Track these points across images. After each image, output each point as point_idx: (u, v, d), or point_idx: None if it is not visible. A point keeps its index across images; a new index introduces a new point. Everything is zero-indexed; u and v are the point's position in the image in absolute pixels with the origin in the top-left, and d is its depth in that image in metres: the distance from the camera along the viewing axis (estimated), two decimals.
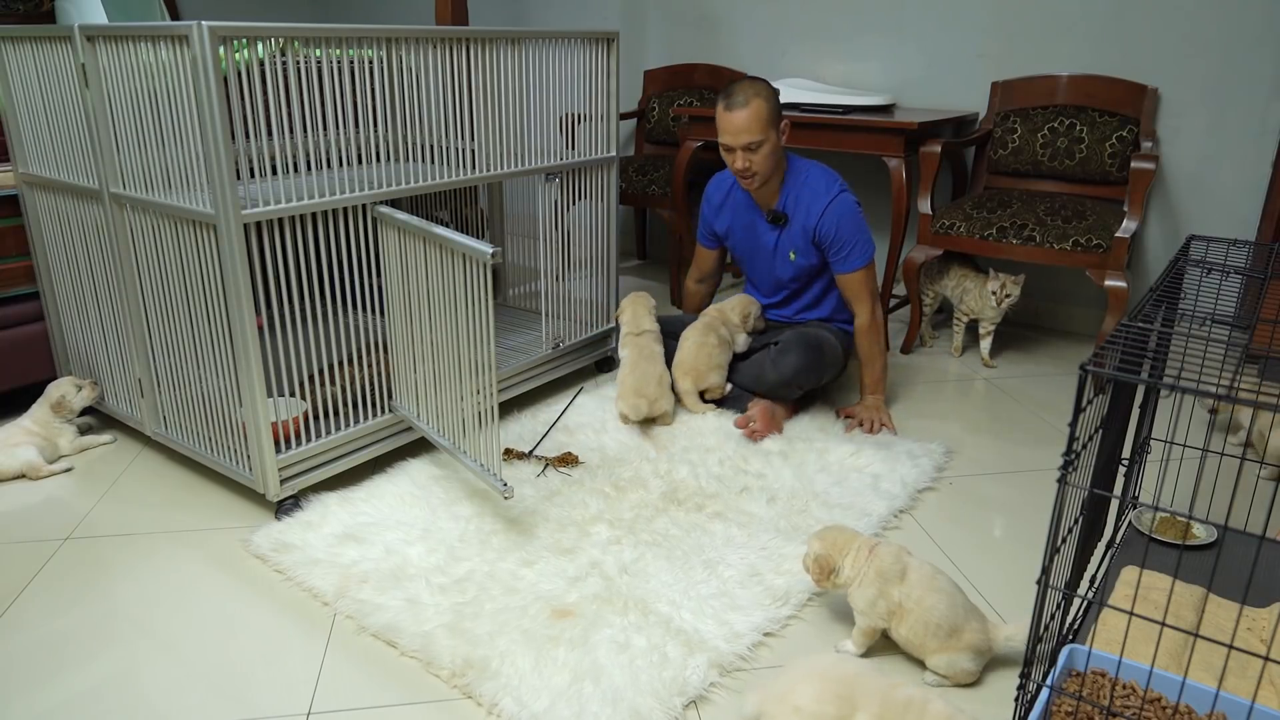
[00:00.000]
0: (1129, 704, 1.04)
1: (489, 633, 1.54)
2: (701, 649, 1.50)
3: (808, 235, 2.35)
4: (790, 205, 2.36)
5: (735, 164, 2.26)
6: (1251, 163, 2.84)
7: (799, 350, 2.29)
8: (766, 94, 2.21)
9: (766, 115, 2.20)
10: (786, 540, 1.82)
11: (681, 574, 1.71)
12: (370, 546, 1.79)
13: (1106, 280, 2.61)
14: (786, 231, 2.39)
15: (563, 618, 1.58)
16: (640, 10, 3.94)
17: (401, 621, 1.57)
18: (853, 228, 2.31)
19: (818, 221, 2.31)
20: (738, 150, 2.23)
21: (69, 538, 1.87)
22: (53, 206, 2.21)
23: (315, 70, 1.78)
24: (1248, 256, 1.40)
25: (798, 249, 2.39)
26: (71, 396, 2.21)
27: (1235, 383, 0.99)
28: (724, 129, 2.23)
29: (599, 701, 1.38)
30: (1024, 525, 1.95)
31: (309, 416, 2.01)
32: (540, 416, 2.42)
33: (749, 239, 2.49)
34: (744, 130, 2.19)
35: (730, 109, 2.21)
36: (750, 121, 2.19)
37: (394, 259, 1.95)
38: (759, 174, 2.27)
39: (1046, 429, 2.43)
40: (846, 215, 2.30)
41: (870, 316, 2.36)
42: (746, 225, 2.47)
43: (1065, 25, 3.03)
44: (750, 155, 2.23)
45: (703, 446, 2.24)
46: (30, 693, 1.43)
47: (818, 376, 2.33)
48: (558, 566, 1.74)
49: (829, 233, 2.31)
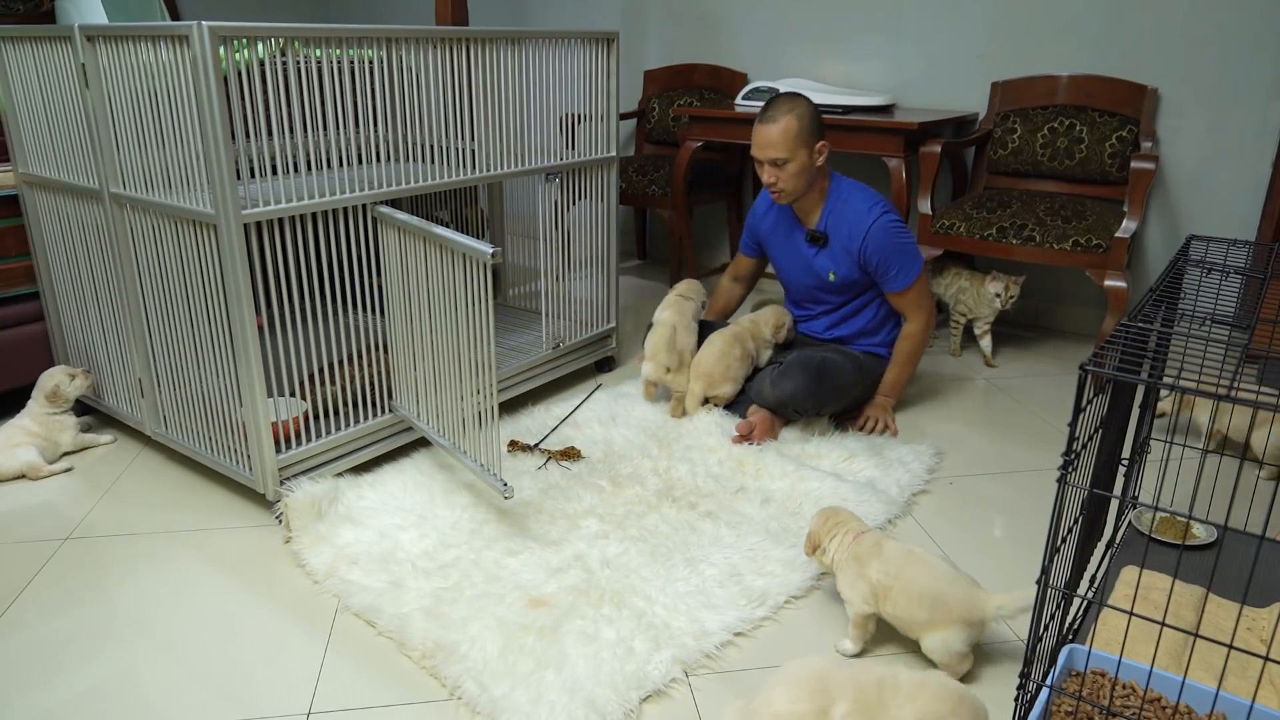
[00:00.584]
0: (1129, 704, 1.04)
1: (463, 618, 1.56)
2: (669, 645, 1.51)
3: (851, 257, 2.34)
4: (831, 227, 2.35)
5: (764, 177, 2.28)
6: (1251, 163, 2.84)
7: (799, 374, 2.24)
8: (801, 113, 2.21)
9: (796, 133, 2.20)
10: (775, 542, 1.82)
11: (663, 570, 1.72)
12: (365, 529, 1.82)
13: (1106, 280, 2.61)
14: (826, 252, 2.38)
15: (538, 607, 1.60)
16: (640, 10, 3.94)
17: (381, 603, 1.60)
18: (897, 248, 2.29)
19: (861, 245, 2.30)
20: (765, 164, 2.26)
21: (69, 538, 1.87)
22: (53, 206, 2.21)
23: (315, 70, 1.78)
24: (1248, 256, 1.40)
25: (838, 270, 2.37)
26: (66, 386, 2.21)
27: (1235, 383, 0.99)
28: (754, 141, 2.26)
29: (557, 690, 1.40)
30: (1024, 525, 1.95)
31: (309, 416, 2.01)
32: (553, 410, 2.43)
33: (789, 251, 2.47)
34: (770, 145, 2.21)
35: (762, 122, 2.23)
36: (777, 138, 2.20)
37: (394, 259, 1.95)
38: (785, 191, 2.27)
39: (1046, 429, 2.43)
40: (890, 236, 2.29)
41: (921, 326, 2.36)
42: (787, 237, 2.47)
43: (1065, 25, 3.03)
44: (777, 171, 2.24)
45: (705, 446, 2.25)
46: (30, 693, 1.43)
47: (816, 405, 2.27)
48: (542, 558, 1.75)
49: (874, 255, 2.30)
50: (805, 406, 2.26)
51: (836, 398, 2.31)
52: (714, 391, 2.36)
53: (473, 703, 1.39)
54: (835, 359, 2.32)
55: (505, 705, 1.37)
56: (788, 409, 2.27)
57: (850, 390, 2.34)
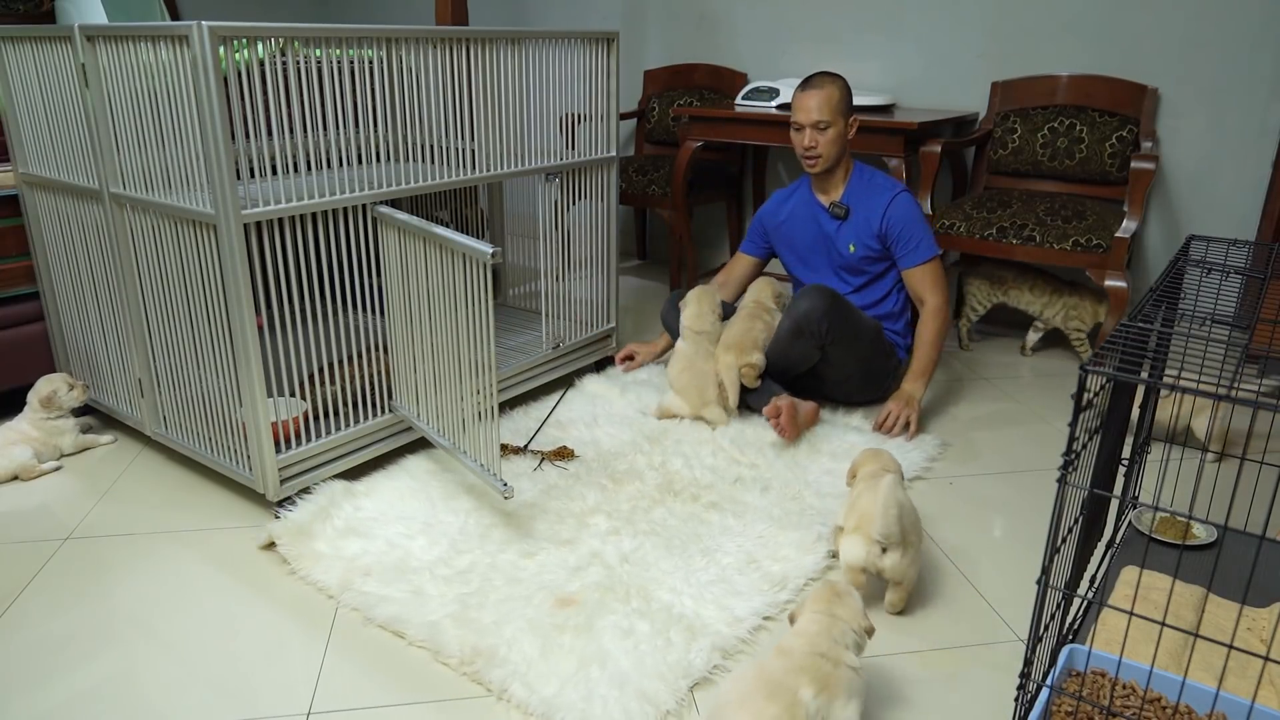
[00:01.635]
0: (1129, 704, 1.04)
1: (495, 621, 1.56)
2: (704, 633, 1.53)
3: (871, 229, 2.44)
4: (853, 200, 2.47)
5: (803, 141, 2.40)
6: (1251, 163, 2.84)
7: (815, 295, 2.26)
8: (841, 86, 2.38)
9: (838, 101, 2.36)
10: (781, 528, 1.84)
11: (681, 562, 1.74)
12: (372, 540, 1.80)
13: (1106, 280, 2.61)
14: (848, 224, 2.48)
15: (566, 606, 1.60)
16: (640, 10, 3.94)
17: (408, 613, 1.59)
18: (917, 220, 2.41)
19: (883, 214, 2.41)
20: (806, 128, 2.38)
21: (69, 538, 1.87)
22: (53, 206, 2.21)
23: (315, 70, 1.78)
24: (1248, 256, 1.40)
25: (858, 242, 2.47)
26: (63, 394, 2.20)
27: (1236, 382, 0.99)
28: (797, 107, 2.39)
29: (606, 685, 1.40)
30: (1024, 525, 1.95)
31: (309, 416, 2.01)
32: (533, 413, 2.43)
33: (808, 233, 2.56)
34: (815, 109, 2.35)
35: (805, 89, 2.38)
36: (822, 103, 2.35)
37: (394, 259, 1.95)
38: (823, 156, 2.39)
39: (1047, 429, 2.43)
40: (912, 209, 2.41)
41: (941, 301, 2.41)
42: (807, 219, 2.56)
43: (1065, 25, 3.03)
44: (818, 134, 2.37)
45: (696, 439, 2.26)
46: (30, 693, 1.43)
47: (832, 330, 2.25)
48: (559, 557, 1.75)
49: (894, 227, 2.41)
50: (820, 328, 2.25)
51: (846, 325, 2.30)
52: (745, 359, 2.29)
53: (524, 705, 1.39)
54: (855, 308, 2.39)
55: (559, 704, 1.37)
56: (804, 336, 2.25)
57: (864, 335, 2.35)
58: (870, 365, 2.41)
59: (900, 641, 1.56)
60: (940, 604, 1.67)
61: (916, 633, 1.59)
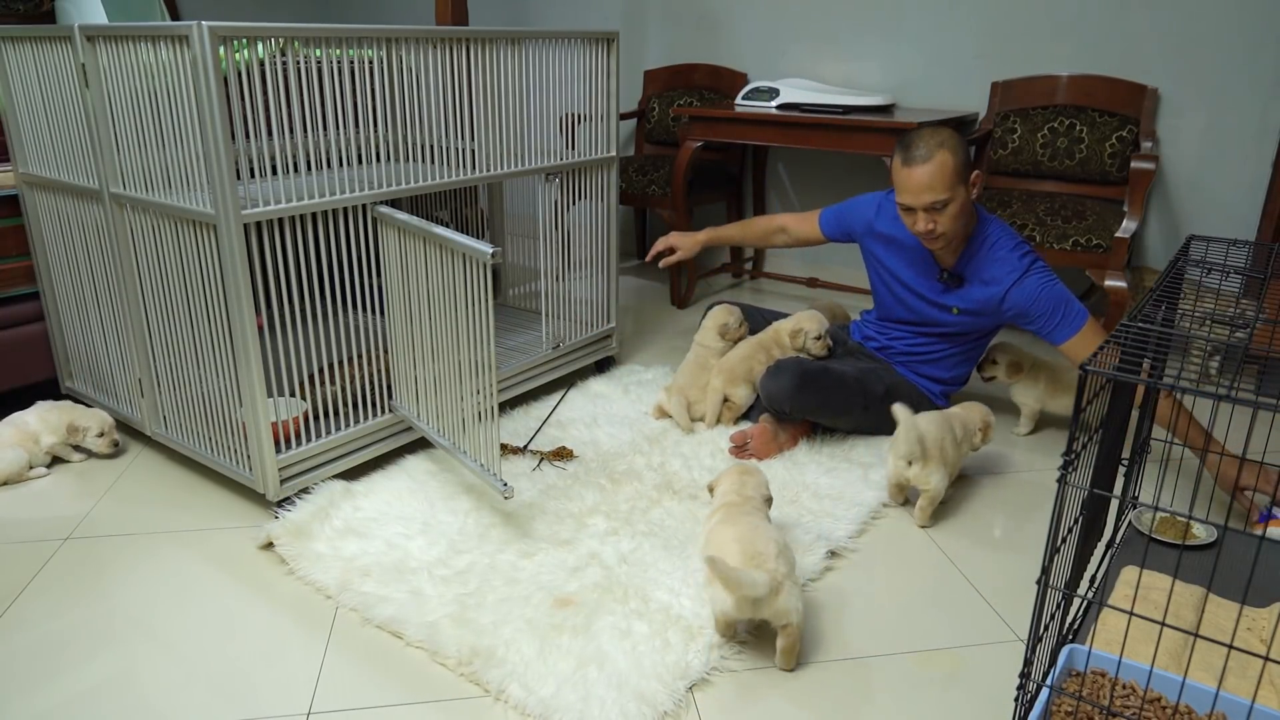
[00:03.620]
0: (1129, 704, 1.04)
1: (493, 622, 1.56)
2: (701, 634, 1.53)
3: (989, 303, 2.12)
4: (969, 271, 2.13)
5: (917, 226, 2.01)
6: (1251, 163, 2.84)
7: (787, 376, 2.11)
8: (953, 144, 1.94)
9: (954, 169, 1.94)
10: (779, 530, 1.83)
11: (679, 562, 1.73)
12: (371, 540, 1.80)
13: (1106, 280, 2.61)
14: (958, 291, 2.16)
15: (564, 606, 1.60)
16: (640, 10, 3.94)
17: (406, 613, 1.59)
18: (1054, 295, 2.05)
19: (1005, 293, 2.08)
20: (919, 211, 1.99)
21: (69, 538, 1.87)
22: (53, 206, 2.21)
23: (315, 70, 1.78)
24: (1248, 256, 1.40)
25: (965, 307, 2.16)
26: (90, 434, 2.15)
27: (1236, 382, 0.99)
28: (903, 187, 1.98)
29: (604, 686, 1.41)
30: (1024, 525, 1.95)
31: (309, 416, 2.01)
32: (534, 413, 2.43)
33: (911, 268, 2.23)
34: (927, 189, 1.94)
35: (910, 163, 1.95)
36: (934, 179, 1.93)
37: (394, 259, 1.95)
38: (945, 235, 2.02)
39: (1046, 429, 2.43)
40: (1044, 288, 2.05)
41: None
42: (917, 258, 2.22)
43: (1065, 25, 3.03)
44: (935, 216, 1.98)
45: (695, 440, 2.27)
46: (30, 693, 1.43)
47: (798, 411, 2.13)
48: (557, 558, 1.75)
49: (1027, 309, 2.07)
50: (784, 409, 2.14)
51: (823, 410, 2.15)
52: (730, 389, 2.32)
53: (521, 705, 1.39)
54: (844, 374, 2.17)
55: (556, 705, 1.37)
56: (771, 407, 2.19)
57: (843, 411, 2.17)
58: (864, 420, 2.23)
59: (900, 641, 1.56)
60: (940, 604, 1.67)
61: (916, 633, 1.59)
